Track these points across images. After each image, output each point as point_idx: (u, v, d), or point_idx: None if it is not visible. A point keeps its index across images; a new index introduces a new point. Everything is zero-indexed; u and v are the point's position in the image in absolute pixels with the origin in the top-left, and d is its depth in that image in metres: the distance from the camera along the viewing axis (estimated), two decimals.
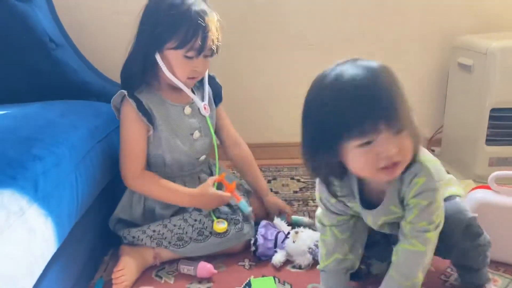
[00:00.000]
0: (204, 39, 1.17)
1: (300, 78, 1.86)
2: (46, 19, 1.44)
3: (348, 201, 0.97)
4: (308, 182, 1.74)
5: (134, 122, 1.21)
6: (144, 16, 1.20)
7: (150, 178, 1.24)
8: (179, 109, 1.28)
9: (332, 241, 1.02)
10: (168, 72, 1.20)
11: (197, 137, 1.31)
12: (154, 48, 1.19)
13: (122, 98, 1.22)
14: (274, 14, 1.81)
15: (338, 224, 1.02)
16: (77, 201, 1.03)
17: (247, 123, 1.93)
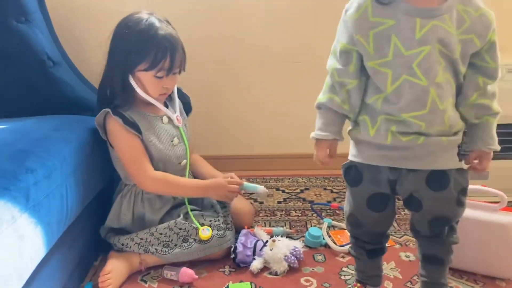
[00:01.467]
0: (172, 60, 1.27)
1: (286, 93, 1.96)
2: (45, 38, 1.53)
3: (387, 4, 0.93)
4: (292, 193, 1.82)
5: (125, 134, 1.30)
6: (115, 42, 1.30)
7: (162, 178, 1.33)
8: (158, 119, 1.38)
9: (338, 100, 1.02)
10: (141, 92, 1.30)
11: (177, 144, 1.40)
12: (127, 71, 1.29)
13: (105, 116, 1.30)
14: (261, 32, 1.89)
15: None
16: (67, 210, 1.12)
17: (234, 136, 2.03)
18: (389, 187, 1.04)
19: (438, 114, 0.94)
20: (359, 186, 1.06)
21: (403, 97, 0.94)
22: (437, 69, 0.92)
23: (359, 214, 1.09)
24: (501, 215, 1.24)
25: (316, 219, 1.61)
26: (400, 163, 1.00)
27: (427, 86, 0.92)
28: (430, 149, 0.97)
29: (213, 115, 1.90)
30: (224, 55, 1.89)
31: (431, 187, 1.00)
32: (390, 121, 0.96)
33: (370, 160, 1.02)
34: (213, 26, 1.85)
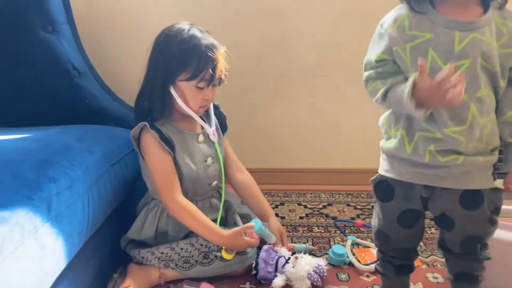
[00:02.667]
0: (214, 70, 1.26)
1: (311, 106, 1.94)
2: (71, 48, 1.55)
3: (424, 17, 0.91)
4: (315, 209, 1.78)
5: (159, 150, 1.28)
6: (156, 52, 1.28)
7: (188, 208, 1.28)
8: (194, 137, 1.35)
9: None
10: (182, 103, 1.28)
11: (210, 163, 1.38)
12: (168, 82, 1.27)
13: (141, 129, 1.29)
14: (287, 45, 1.88)
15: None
16: (88, 220, 1.11)
17: (257, 148, 2.00)
18: (421, 204, 1.01)
19: (477, 129, 0.91)
20: (390, 202, 1.03)
21: (442, 112, 0.91)
22: (479, 83, 0.89)
23: (389, 230, 1.06)
24: None
25: (340, 236, 1.57)
26: (435, 181, 0.97)
27: (467, 101, 0.89)
28: (467, 169, 0.94)
29: (236, 128, 1.88)
30: (248, 67, 1.88)
31: (465, 206, 0.97)
32: (428, 138, 0.93)
33: (404, 177, 0.99)
34: (243, 38, 1.85)
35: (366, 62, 1.00)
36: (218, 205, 1.40)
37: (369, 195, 1.87)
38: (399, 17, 0.93)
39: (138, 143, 1.31)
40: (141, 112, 1.32)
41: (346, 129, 1.96)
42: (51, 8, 1.51)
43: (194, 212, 1.29)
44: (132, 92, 1.33)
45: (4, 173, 1.00)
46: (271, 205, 1.78)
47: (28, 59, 1.50)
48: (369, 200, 1.83)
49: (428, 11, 0.91)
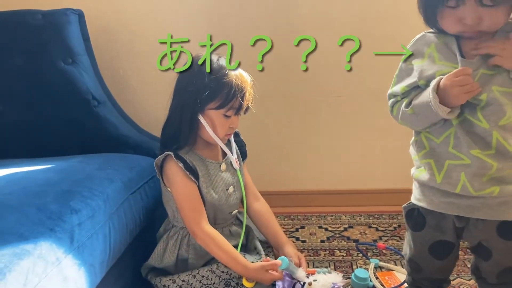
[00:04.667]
0: (242, 99, 1.28)
1: (328, 128, 1.93)
2: (90, 79, 1.58)
3: (443, 59, 0.94)
4: (336, 231, 1.76)
5: (184, 179, 1.28)
6: (185, 81, 1.29)
7: (214, 237, 1.27)
8: (217, 166, 1.36)
9: None
10: (210, 131, 1.29)
11: (231, 192, 1.38)
12: (197, 110, 1.28)
13: (165, 158, 1.29)
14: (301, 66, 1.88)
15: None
16: (110, 250, 1.11)
17: (275, 171, 2.00)
18: (455, 234, 0.99)
19: (508, 156, 0.89)
20: (421, 231, 1.01)
21: (466, 135, 0.90)
22: (501, 113, 0.88)
23: (420, 260, 1.04)
24: None
25: (362, 259, 1.54)
26: (469, 212, 0.93)
27: (489, 129, 0.88)
28: (503, 199, 0.91)
29: (255, 150, 1.88)
30: (266, 90, 1.89)
31: (503, 236, 0.93)
32: (458, 166, 0.91)
33: (435, 207, 0.97)
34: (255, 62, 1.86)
35: (391, 93, 1.01)
36: (239, 232, 1.39)
37: (391, 216, 1.84)
38: (425, 50, 0.95)
39: (160, 170, 1.32)
40: (167, 140, 1.32)
41: (365, 150, 1.94)
42: (71, 41, 1.55)
43: (220, 241, 1.28)
44: (151, 120, 1.35)
45: (28, 205, 1.01)
46: (291, 229, 1.78)
47: (49, 90, 1.54)
48: (391, 222, 1.80)
49: (451, 43, 0.92)
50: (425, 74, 0.93)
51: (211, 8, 1.84)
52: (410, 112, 0.95)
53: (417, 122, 0.96)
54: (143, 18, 1.85)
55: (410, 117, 0.96)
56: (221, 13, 1.84)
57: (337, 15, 1.82)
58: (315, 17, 1.82)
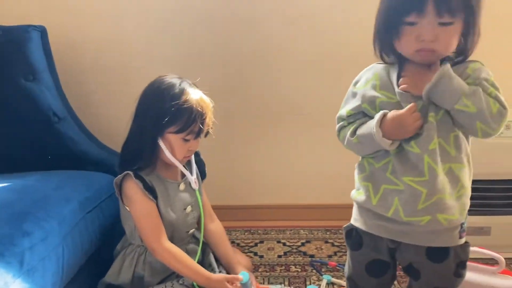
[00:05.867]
0: (202, 124, 1.30)
1: (289, 143, 1.98)
2: (51, 95, 1.59)
3: (383, 88, 0.99)
4: (293, 246, 1.81)
5: (143, 199, 1.30)
6: (146, 105, 1.30)
7: (175, 253, 1.30)
8: (175, 185, 1.39)
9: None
10: (169, 154, 1.31)
11: (189, 212, 1.41)
12: (157, 134, 1.30)
13: (124, 177, 1.31)
14: (268, 85, 1.93)
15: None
16: (62, 271, 1.13)
17: (238, 185, 2.04)
18: (389, 255, 1.05)
19: (438, 179, 0.94)
20: (359, 251, 1.07)
21: (402, 163, 0.96)
22: (431, 136, 0.93)
23: (358, 278, 1.10)
24: (500, 279, 1.22)
25: (316, 275, 1.59)
26: (399, 236, 1.00)
27: (420, 153, 0.94)
28: (431, 229, 0.96)
29: (216, 166, 1.92)
30: (229, 107, 1.93)
31: (431, 259, 0.99)
32: (393, 191, 0.97)
33: (370, 228, 1.03)
34: (219, 79, 1.90)
35: (338, 116, 1.07)
36: (195, 249, 1.42)
37: None
38: (370, 78, 1.01)
39: (120, 189, 1.34)
40: (127, 161, 1.34)
41: (324, 166, 2.00)
42: (32, 57, 1.56)
43: (181, 256, 1.32)
44: (115, 136, 1.36)
45: None
46: (250, 243, 1.82)
47: (9, 107, 1.54)
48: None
49: (393, 74, 0.98)
50: (367, 98, 0.99)
51: (178, 25, 1.87)
52: (355, 141, 1.01)
53: (362, 150, 1.03)
54: (108, 34, 1.87)
55: (355, 145, 1.02)
56: (188, 30, 1.87)
57: (301, 37, 1.87)
58: (280, 38, 1.87)
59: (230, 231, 1.92)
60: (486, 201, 1.65)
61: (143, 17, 1.86)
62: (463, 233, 0.99)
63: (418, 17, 0.89)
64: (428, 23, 0.89)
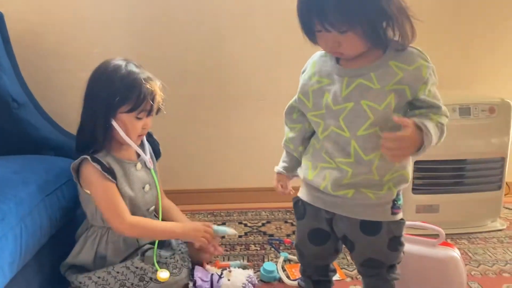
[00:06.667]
0: (153, 101, 1.34)
1: (250, 129, 2.04)
2: (10, 81, 1.59)
3: (327, 65, 1.05)
4: (254, 227, 1.87)
5: (102, 180, 1.32)
6: (95, 88, 1.33)
7: (141, 223, 1.35)
8: (132, 165, 1.42)
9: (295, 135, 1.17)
10: (123, 134, 1.34)
11: (147, 190, 1.45)
12: (110, 115, 1.33)
13: (82, 161, 1.33)
14: (229, 70, 1.97)
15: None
16: (21, 251, 1.16)
17: (200, 169, 2.09)
18: (328, 225, 1.12)
19: (363, 164, 1.01)
20: (303, 220, 1.16)
21: (332, 145, 1.03)
22: (361, 123, 0.99)
23: (302, 246, 1.18)
24: (439, 250, 1.31)
25: (274, 253, 1.66)
26: (333, 208, 1.08)
27: (349, 138, 1.01)
28: (359, 202, 1.04)
29: (176, 149, 1.96)
30: (189, 92, 1.97)
31: (364, 231, 1.07)
32: (326, 168, 1.05)
33: (310, 199, 1.12)
34: (186, 64, 1.93)
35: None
36: None
37: None
38: (308, 67, 1.10)
39: (77, 174, 1.36)
40: (82, 146, 1.37)
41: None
42: None
43: (148, 223, 1.37)
44: (76, 121, 1.39)
45: None
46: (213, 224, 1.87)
47: None
48: None
49: (330, 60, 1.05)
50: (303, 89, 1.08)
51: (138, 12, 1.89)
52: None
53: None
54: (69, 20, 1.88)
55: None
56: (148, 16, 1.89)
57: (259, 24, 1.91)
58: (237, 25, 1.91)
59: (194, 214, 1.97)
60: (434, 180, 1.75)
61: (103, 4, 1.87)
62: (396, 210, 1.06)
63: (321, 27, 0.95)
64: (327, 33, 0.95)
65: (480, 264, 1.58)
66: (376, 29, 0.94)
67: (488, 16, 1.96)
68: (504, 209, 1.94)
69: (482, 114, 1.71)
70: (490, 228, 1.83)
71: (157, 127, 1.46)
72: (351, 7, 0.90)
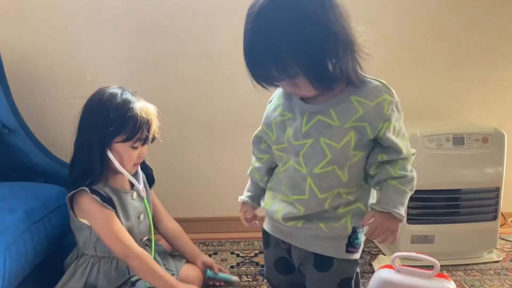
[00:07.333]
0: (148, 130, 1.33)
1: (240, 155, 2.01)
2: (2, 107, 1.58)
3: (289, 100, 1.03)
4: (246, 257, 1.83)
5: (103, 210, 1.29)
6: (90, 117, 1.31)
7: (145, 258, 1.31)
8: (129, 195, 1.40)
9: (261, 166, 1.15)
10: (118, 164, 1.33)
11: (142, 220, 1.43)
12: (105, 145, 1.31)
13: (78, 192, 1.29)
14: (218, 98, 1.98)
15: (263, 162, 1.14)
16: (3, 280, 1.13)
17: (192, 198, 2.06)
18: (288, 255, 1.11)
19: (317, 201, 0.99)
20: (268, 249, 1.15)
21: (288, 180, 1.02)
22: (318, 161, 0.96)
23: (270, 276, 1.18)
24: (435, 282, 1.27)
25: (266, 284, 1.62)
26: (288, 238, 1.07)
27: (305, 174, 0.98)
28: (314, 233, 1.01)
29: (170, 178, 1.93)
30: (181, 120, 1.96)
31: (315, 265, 1.04)
32: (283, 202, 1.04)
33: (269, 229, 1.12)
34: (176, 93, 1.93)
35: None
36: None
37: None
38: (274, 99, 1.09)
39: (71, 204, 1.33)
40: (78, 177, 1.31)
41: None
42: None
43: (151, 263, 1.32)
44: (67, 147, 1.36)
45: None
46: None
47: None
48: None
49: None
50: (267, 120, 1.08)
51: (131, 40, 1.90)
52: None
53: None
54: (61, 47, 1.88)
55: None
56: (142, 44, 1.90)
57: None
58: (233, 53, 1.91)
59: None
60: (429, 210, 1.72)
61: (96, 31, 1.88)
62: (351, 248, 1.02)
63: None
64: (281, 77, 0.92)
65: None
66: (321, 71, 0.88)
67: (480, 44, 1.99)
68: (500, 240, 1.91)
69: (476, 143, 1.70)
70: (487, 260, 1.80)
71: (147, 152, 1.44)
72: (297, 49, 0.85)
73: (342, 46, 0.87)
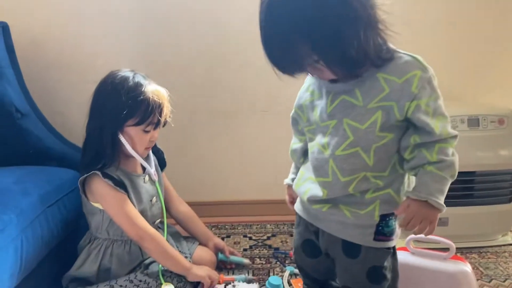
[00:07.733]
0: (160, 114, 1.32)
1: (254, 141, 2.01)
2: (14, 91, 1.58)
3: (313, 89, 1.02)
4: (259, 240, 1.83)
5: (116, 194, 1.30)
6: (101, 101, 1.30)
7: (160, 240, 1.33)
8: (141, 178, 1.40)
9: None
10: (130, 148, 1.32)
11: (154, 202, 1.43)
12: (118, 129, 1.31)
13: (90, 176, 1.29)
14: (230, 82, 1.96)
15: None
16: (21, 263, 1.14)
17: (205, 181, 2.06)
18: (316, 238, 1.09)
19: (340, 184, 0.95)
20: (298, 229, 1.14)
21: (313, 162, 1.01)
22: (340, 143, 0.93)
23: (297, 256, 1.17)
24: (450, 264, 1.27)
25: (280, 267, 1.62)
26: (315, 221, 1.05)
27: (327, 157, 0.96)
28: (339, 219, 0.99)
29: (179, 161, 1.93)
30: (195, 103, 1.95)
31: (344, 251, 1.02)
32: (311, 183, 1.02)
33: (299, 210, 1.11)
34: (187, 77, 1.92)
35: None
36: None
37: None
38: (307, 81, 1.07)
39: (83, 187, 1.33)
40: (90, 160, 1.32)
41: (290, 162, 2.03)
42: None
43: (165, 244, 1.34)
44: (79, 132, 1.36)
45: None
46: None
47: None
48: None
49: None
50: (298, 102, 1.07)
51: (142, 24, 1.88)
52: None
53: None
54: (71, 32, 1.87)
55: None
56: (151, 29, 1.89)
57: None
58: (245, 37, 1.90)
59: None
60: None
61: (106, 15, 1.86)
62: (381, 237, 0.98)
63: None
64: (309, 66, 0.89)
65: (492, 279, 1.54)
66: (343, 57, 0.84)
67: (496, 25, 1.94)
68: None
69: (491, 125, 1.68)
70: (501, 242, 1.79)
71: (159, 137, 1.43)
72: (313, 37, 0.81)
73: (364, 27, 0.81)
